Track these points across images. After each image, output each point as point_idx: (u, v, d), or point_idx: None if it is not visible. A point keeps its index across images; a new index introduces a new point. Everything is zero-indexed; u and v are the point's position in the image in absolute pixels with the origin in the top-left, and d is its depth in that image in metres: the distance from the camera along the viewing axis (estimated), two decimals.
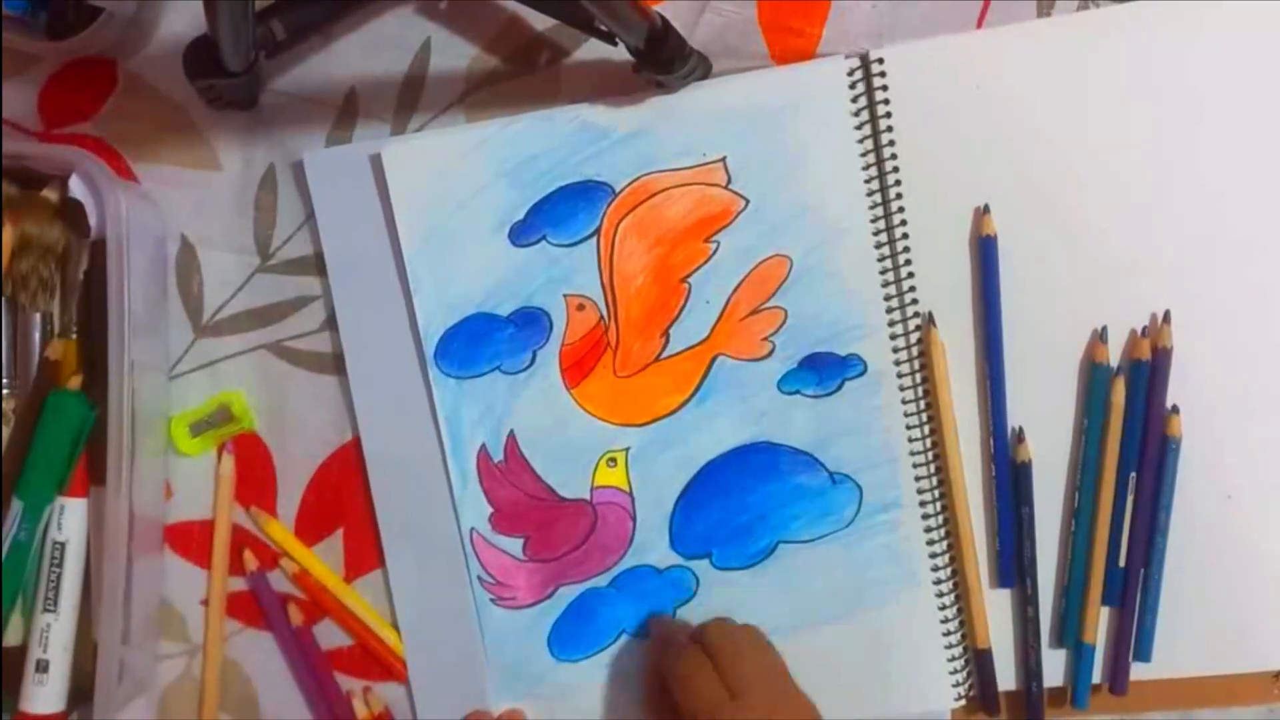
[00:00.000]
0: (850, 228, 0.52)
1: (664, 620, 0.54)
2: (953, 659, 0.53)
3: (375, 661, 0.56)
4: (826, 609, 0.53)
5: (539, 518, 0.54)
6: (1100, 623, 0.53)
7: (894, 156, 0.52)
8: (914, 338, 0.53)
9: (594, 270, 0.54)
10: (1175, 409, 0.51)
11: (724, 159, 0.53)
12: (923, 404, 0.53)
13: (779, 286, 0.53)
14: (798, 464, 0.53)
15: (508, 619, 0.55)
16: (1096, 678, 0.53)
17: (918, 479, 0.53)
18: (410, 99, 0.55)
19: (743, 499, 0.53)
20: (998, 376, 0.52)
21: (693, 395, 0.53)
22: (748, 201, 0.53)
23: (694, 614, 0.54)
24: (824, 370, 0.53)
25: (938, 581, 0.53)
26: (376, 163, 0.54)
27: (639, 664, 0.54)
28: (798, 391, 0.53)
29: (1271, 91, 0.51)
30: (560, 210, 0.53)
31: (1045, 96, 0.51)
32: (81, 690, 0.51)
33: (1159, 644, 0.52)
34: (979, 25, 0.53)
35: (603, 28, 0.50)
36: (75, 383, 0.51)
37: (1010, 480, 0.52)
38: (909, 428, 0.53)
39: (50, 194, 0.52)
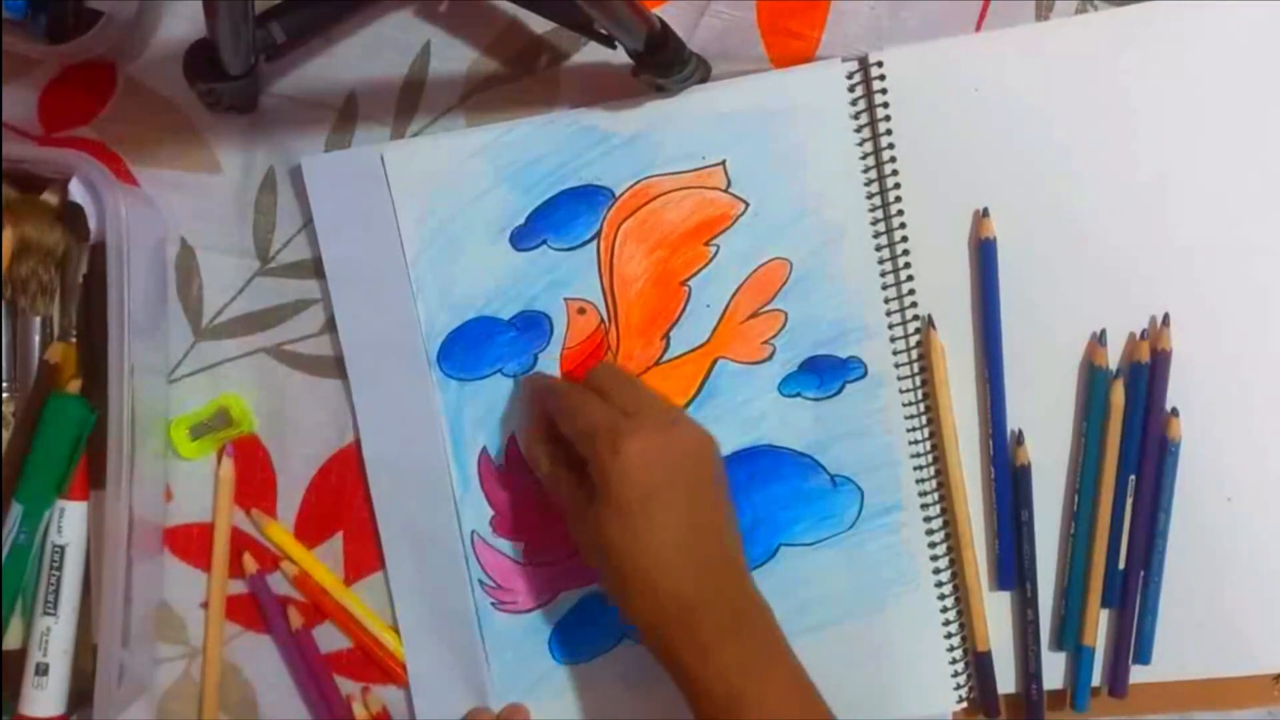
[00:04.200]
0: (850, 230, 0.52)
1: (540, 376, 0.53)
2: (953, 661, 0.53)
3: (375, 664, 0.56)
4: (827, 611, 0.53)
5: (540, 521, 0.54)
6: (1100, 625, 0.53)
7: (893, 159, 0.52)
8: (914, 340, 0.53)
9: (594, 274, 0.54)
10: (1175, 411, 0.51)
11: (724, 162, 0.53)
12: (923, 406, 0.53)
13: (779, 289, 0.53)
14: (799, 467, 0.53)
15: (509, 623, 0.55)
16: (1096, 680, 0.53)
17: (918, 481, 0.53)
18: (410, 102, 0.55)
19: (744, 502, 0.53)
20: (997, 379, 0.52)
21: (693, 399, 0.53)
22: (748, 205, 0.53)
23: None
24: (824, 373, 0.53)
25: (938, 584, 0.53)
26: (379, 165, 0.54)
27: (641, 667, 0.54)
28: (798, 394, 0.53)
29: (1270, 95, 0.51)
30: (561, 214, 0.53)
31: (1044, 99, 0.51)
32: (81, 693, 0.51)
33: (1159, 646, 0.52)
34: (978, 28, 0.53)
35: (602, 31, 0.50)
36: (75, 386, 0.51)
37: (1010, 483, 0.52)
38: (909, 430, 0.53)
39: (50, 197, 0.52)
